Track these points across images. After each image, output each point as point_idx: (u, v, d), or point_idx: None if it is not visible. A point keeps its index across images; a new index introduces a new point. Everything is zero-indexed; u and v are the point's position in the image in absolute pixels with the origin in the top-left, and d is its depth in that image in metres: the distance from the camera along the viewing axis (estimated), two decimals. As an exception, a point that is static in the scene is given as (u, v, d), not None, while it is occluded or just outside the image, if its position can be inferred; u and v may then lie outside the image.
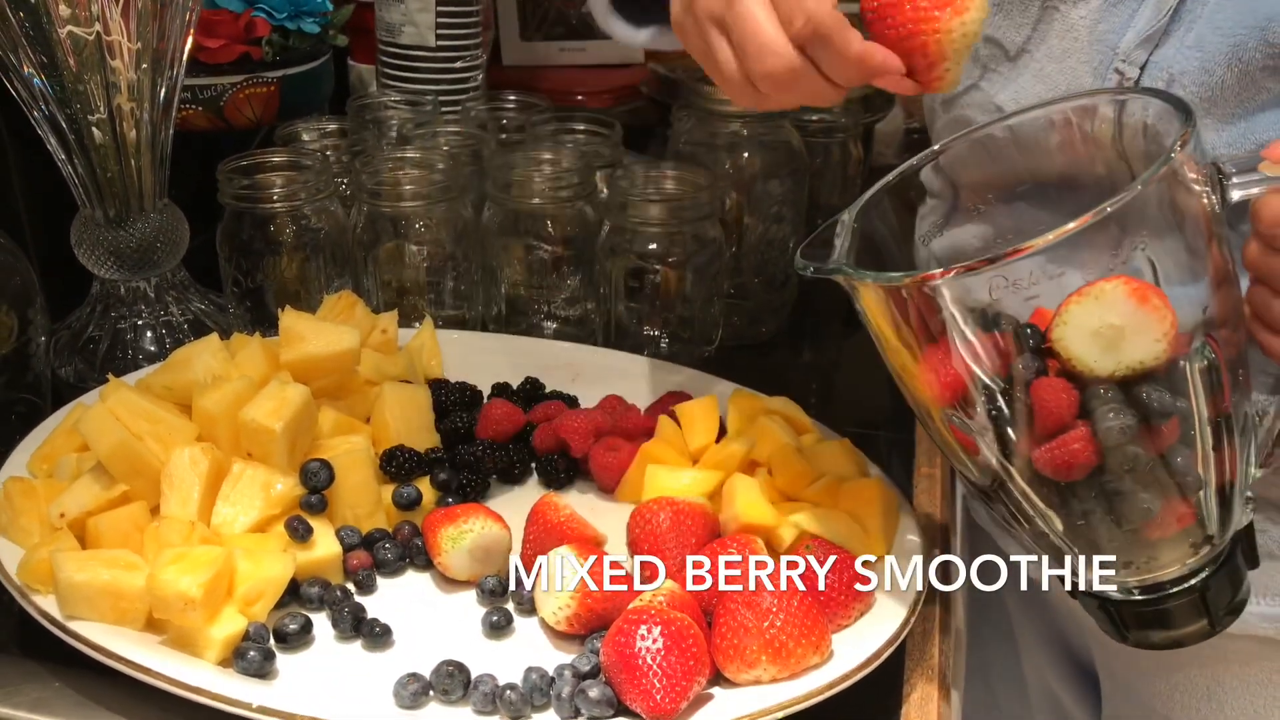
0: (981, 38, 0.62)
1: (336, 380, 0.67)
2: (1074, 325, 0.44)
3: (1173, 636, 0.51)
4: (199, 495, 0.58)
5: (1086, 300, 0.44)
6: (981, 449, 0.48)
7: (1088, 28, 0.56)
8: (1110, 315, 0.44)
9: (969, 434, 0.48)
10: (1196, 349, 0.45)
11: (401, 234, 0.81)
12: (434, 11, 0.99)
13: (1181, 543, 0.48)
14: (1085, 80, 0.57)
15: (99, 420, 0.58)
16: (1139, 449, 0.46)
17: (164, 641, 0.53)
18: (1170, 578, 0.49)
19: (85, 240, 0.77)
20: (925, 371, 0.48)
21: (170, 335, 0.81)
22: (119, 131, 0.74)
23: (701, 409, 0.68)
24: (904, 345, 0.49)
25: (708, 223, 0.79)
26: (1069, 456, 0.46)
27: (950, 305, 0.46)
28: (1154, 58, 0.54)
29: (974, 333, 0.46)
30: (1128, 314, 0.44)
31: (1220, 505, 0.48)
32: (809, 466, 0.61)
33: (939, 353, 0.47)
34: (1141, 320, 0.44)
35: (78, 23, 0.70)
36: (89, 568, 0.53)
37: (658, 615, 0.50)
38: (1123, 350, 0.44)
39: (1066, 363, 0.45)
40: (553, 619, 0.55)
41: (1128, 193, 0.43)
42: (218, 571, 0.53)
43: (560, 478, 0.68)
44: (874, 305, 0.49)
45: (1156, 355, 0.44)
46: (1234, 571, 0.50)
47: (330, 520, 0.61)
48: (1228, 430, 0.47)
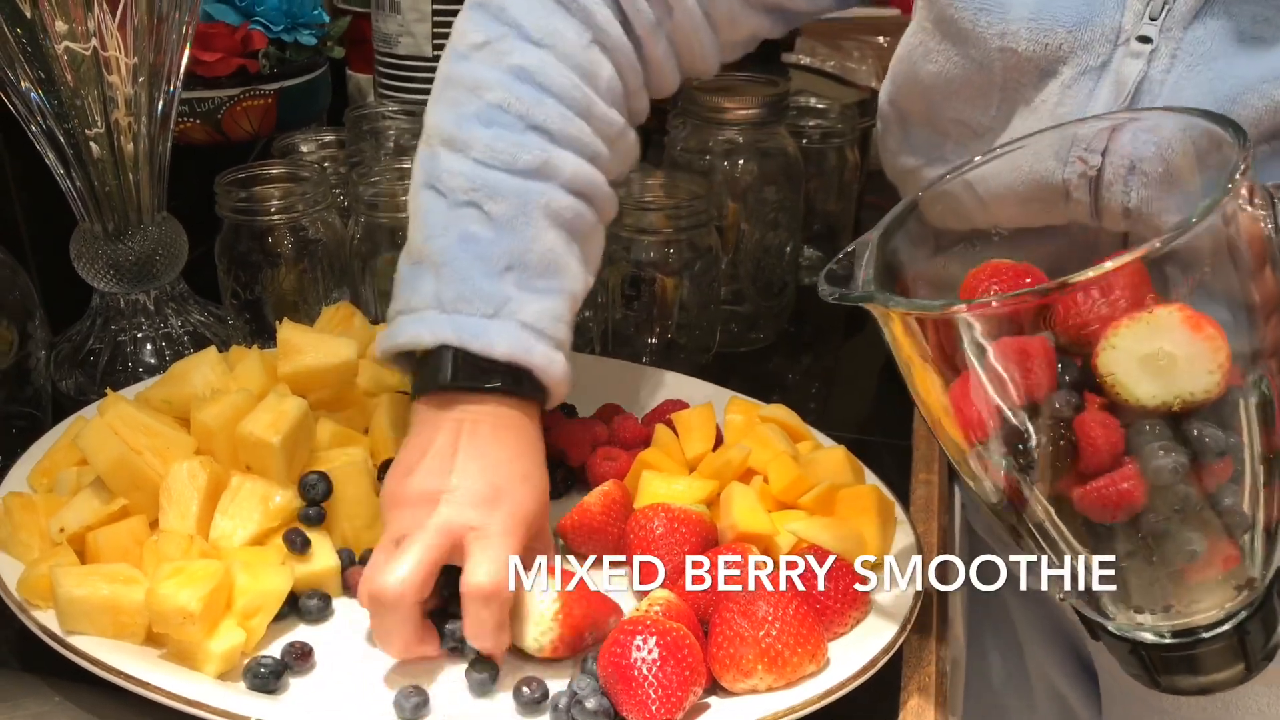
0: (948, 119, 0.62)
1: (335, 392, 0.68)
2: (1123, 350, 0.42)
3: (1205, 682, 0.48)
4: (197, 509, 0.58)
5: (1138, 325, 0.42)
6: (1020, 485, 0.46)
7: (1049, 110, 0.56)
8: (1163, 341, 0.41)
9: (1006, 471, 0.46)
10: (1252, 382, 0.43)
11: (399, 244, 0.81)
12: (430, 22, 0.99)
13: (1225, 585, 0.46)
14: (1049, 164, 0.55)
15: (98, 435, 0.58)
16: (1190, 488, 0.43)
17: (163, 655, 0.54)
18: (1207, 622, 0.47)
19: (85, 253, 0.78)
20: (959, 404, 0.46)
21: (170, 347, 0.81)
22: (117, 145, 0.74)
23: (699, 417, 0.68)
24: (935, 375, 0.46)
25: (704, 230, 0.79)
26: (1117, 497, 0.43)
27: (980, 338, 0.43)
28: (1112, 144, 0.53)
29: (1007, 366, 0.43)
30: (1181, 342, 0.41)
31: (1266, 546, 0.46)
32: (805, 474, 0.61)
33: (971, 384, 0.44)
34: (1196, 349, 0.41)
35: (74, 38, 0.70)
36: (88, 582, 0.53)
37: (653, 626, 0.50)
38: (1174, 380, 0.42)
39: (1111, 390, 0.42)
40: (535, 647, 0.54)
41: (1196, 215, 0.40)
42: (216, 585, 0.53)
43: (558, 487, 0.68)
44: (902, 335, 0.46)
45: (1209, 388, 0.42)
46: (1270, 614, 0.48)
47: (329, 532, 0.61)
48: (1278, 468, 0.45)
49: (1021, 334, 0.43)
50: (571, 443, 0.68)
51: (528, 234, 0.59)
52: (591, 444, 0.68)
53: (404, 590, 0.52)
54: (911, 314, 0.45)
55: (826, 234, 0.99)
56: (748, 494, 0.60)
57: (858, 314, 1.07)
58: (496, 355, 0.57)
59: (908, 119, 0.67)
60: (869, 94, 1.23)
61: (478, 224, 0.59)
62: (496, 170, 0.59)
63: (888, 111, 0.69)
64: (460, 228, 0.59)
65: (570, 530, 0.62)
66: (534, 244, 0.59)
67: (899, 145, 0.68)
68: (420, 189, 0.62)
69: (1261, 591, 0.47)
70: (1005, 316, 0.43)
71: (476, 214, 0.59)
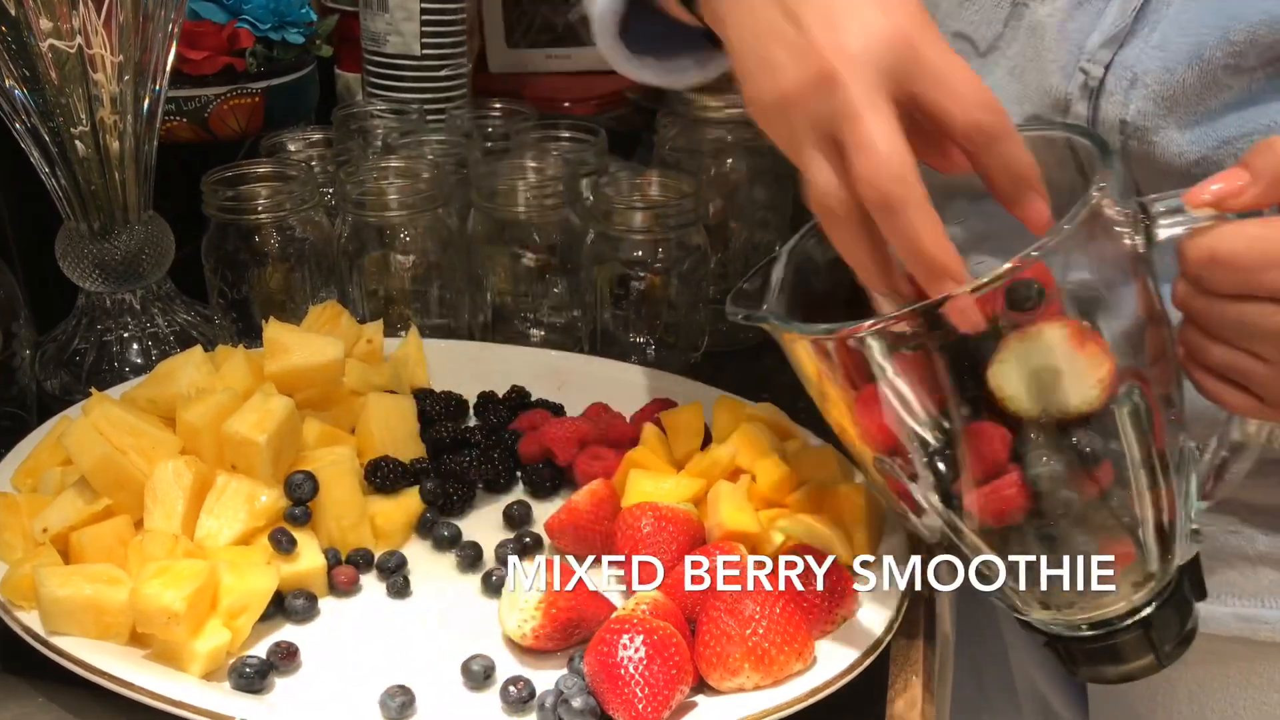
0: (950, 33, 0.62)
1: (321, 391, 0.67)
2: (1013, 364, 0.44)
3: (1122, 671, 0.51)
4: (183, 508, 0.58)
5: (1027, 340, 0.43)
6: (916, 496, 0.48)
7: (1055, 26, 0.56)
8: (1050, 358, 0.43)
9: (901, 481, 0.48)
10: (1124, 393, 0.45)
11: (387, 243, 0.81)
12: (419, 21, 0.99)
13: (1123, 580, 0.48)
14: (1054, 79, 0.56)
15: (82, 434, 0.58)
16: (1072, 493, 0.46)
17: (148, 656, 0.53)
18: (1116, 614, 0.49)
19: (70, 253, 0.77)
20: (859, 418, 0.48)
21: (156, 347, 0.81)
22: (102, 144, 0.74)
23: (687, 416, 0.68)
24: (836, 393, 0.48)
25: (693, 229, 0.79)
26: (1001, 503, 0.46)
27: (879, 357, 0.45)
28: (1118, 57, 0.54)
29: (905, 382, 0.45)
30: (1066, 358, 0.43)
31: (1160, 542, 0.48)
32: (793, 472, 0.61)
33: (872, 399, 0.46)
34: (1079, 365, 0.43)
35: (59, 36, 0.70)
36: (72, 583, 0.53)
37: (640, 624, 0.50)
38: (1058, 394, 0.44)
39: (1000, 402, 0.44)
40: (517, 633, 0.54)
41: (1049, 237, 0.42)
42: (201, 585, 0.53)
43: (546, 486, 0.68)
44: (804, 355, 0.48)
45: (1090, 401, 0.44)
46: (1181, 605, 0.50)
47: (315, 532, 0.61)
48: (1163, 468, 0.47)
49: (919, 349, 0.44)
50: (559, 442, 0.68)
51: None
52: (579, 443, 0.68)
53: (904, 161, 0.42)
54: (807, 338, 0.46)
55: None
56: (735, 492, 0.60)
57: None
58: None
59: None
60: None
61: None
62: None
63: None
64: None
65: (557, 529, 0.62)
66: None
67: None
68: None
69: (1171, 583, 0.49)
70: (885, 338, 0.44)
71: None
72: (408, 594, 0.60)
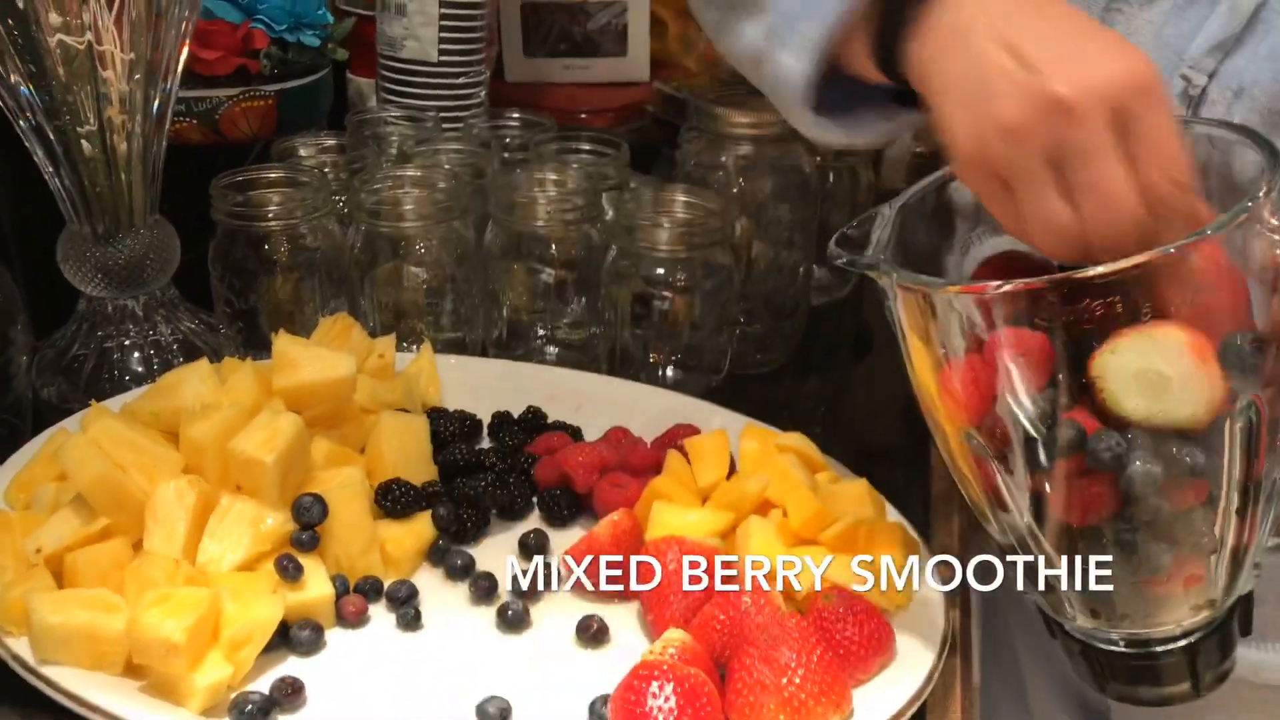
0: None
1: (331, 409, 0.64)
2: (1120, 360, 0.42)
3: (1159, 694, 0.49)
4: (185, 531, 0.55)
5: (1141, 338, 0.41)
6: (996, 477, 0.46)
7: (1153, 32, 0.54)
8: (1160, 362, 0.41)
9: (985, 458, 0.46)
10: (1241, 408, 0.43)
11: (400, 255, 0.78)
12: (437, 26, 0.96)
13: (1184, 603, 0.46)
14: None
15: (80, 450, 0.55)
16: (1164, 502, 0.44)
17: (143, 688, 0.50)
18: (1165, 634, 0.47)
19: (72, 256, 0.75)
20: (950, 386, 0.46)
21: (159, 356, 0.78)
22: (109, 144, 0.71)
23: (712, 444, 0.65)
24: (932, 355, 0.46)
25: (719, 248, 0.76)
26: (1090, 500, 0.44)
27: (982, 323, 0.43)
28: (1224, 66, 0.52)
29: (1013, 355, 0.43)
30: (1180, 368, 0.41)
31: (1230, 570, 0.46)
32: (826, 508, 0.59)
33: (970, 368, 0.44)
34: (1193, 379, 0.41)
35: (69, 31, 0.67)
36: (65, 609, 0.50)
37: (670, 671, 0.47)
38: (1163, 401, 0.42)
39: (1099, 396, 0.42)
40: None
41: (1212, 226, 0.41)
42: (202, 615, 0.50)
43: (563, 514, 0.65)
44: (910, 310, 0.46)
45: (1195, 417, 0.42)
46: (1226, 637, 0.48)
47: (322, 558, 0.58)
48: (1254, 495, 0.45)
49: (1022, 326, 0.43)
50: (578, 467, 0.65)
51: None
52: (599, 469, 0.65)
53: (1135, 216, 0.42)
54: (916, 289, 0.45)
55: (838, 254, 0.97)
56: (766, 528, 0.57)
57: (867, 336, 1.05)
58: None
59: None
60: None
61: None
62: None
63: None
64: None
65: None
66: None
67: None
68: None
69: (1221, 615, 0.47)
70: (1008, 304, 0.43)
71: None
72: (418, 627, 0.57)
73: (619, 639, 0.56)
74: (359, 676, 0.54)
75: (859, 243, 0.49)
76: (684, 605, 0.54)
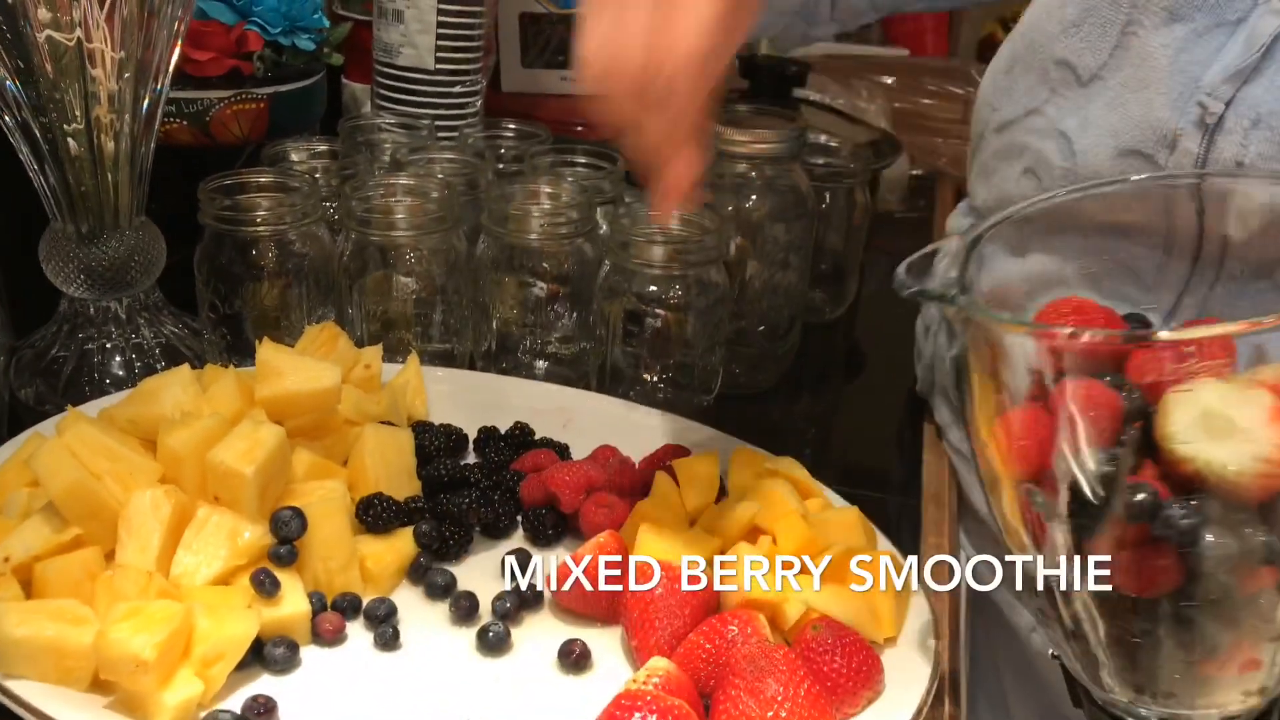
0: (1053, 60, 0.60)
1: (314, 420, 0.63)
2: (1193, 397, 0.39)
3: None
4: (159, 542, 0.54)
5: (1225, 385, 0.39)
6: (1052, 534, 0.43)
7: (1169, 58, 0.54)
8: (1234, 410, 0.39)
9: (1043, 514, 0.43)
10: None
11: (390, 264, 0.77)
12: (435, 34, 0.96)
13: (1235, 688, 0.44)
14: (1162, 112, 0.54)
15: (53, 457, 0.54)
16: (1233, 580, 0.41)
17: (110, 705, 0.49)
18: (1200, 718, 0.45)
19: (55, 256, 0.73)
20: (1011, 433, 0.43)
21: (140, 359, 0.77)
22: (96, 143, 0.70)
23: (701, 466, 0.64)
24: (994, 394, 0.44)
25: (713, 267, 0.75)
26: (1153, 572, 0.41)
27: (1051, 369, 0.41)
28: (1240, 94, 0.51)
29: (1080, 408, 0.41)
30: (1252, 420, 0.39)
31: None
32: (816, 536, 0.58)
33: (1031, 416, 0.42)
34: (1259, 435, 0.39)
35: (58, 27, 0.66)
36: (32, 621, 0.49)
37: (653, 702, 0.46)
38: (1217, 447, 0.39)
39: (1163, 438, 0.40)
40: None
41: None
42: (174, 630, 0.48)
43: (548, 534, 0.64)
44: (979, 350, 0.44)
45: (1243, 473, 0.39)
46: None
47: (299, 574, 0.56)
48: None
49: (1092, 377, 0.41)
50: (564, 487, 0.63)
51: None
52: (585, 489, 0.64)
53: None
54: (993, 324, 0.43)
55: (833, 276, 0.96)
56: (755, 556, 0.56)
57: (859, 358, 1.04)
58: None
59: (1014, 62, 0.65)
60: (880, 135, 1.20)
61: None
62: None
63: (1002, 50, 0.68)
64: None
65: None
66: None
67: (994, 92, 0.66)
68: None
69: (1262, 707, 0.45)
70: (1083, 353, 0.41)
71: None
72: (396, 646, 0.55)
73: (602, 665, 0.55)
74: (334, 696, 0.52)
75: (921, 273, 0.47)
76: (669, 632, 0.53)
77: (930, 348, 0.80)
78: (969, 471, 0.74)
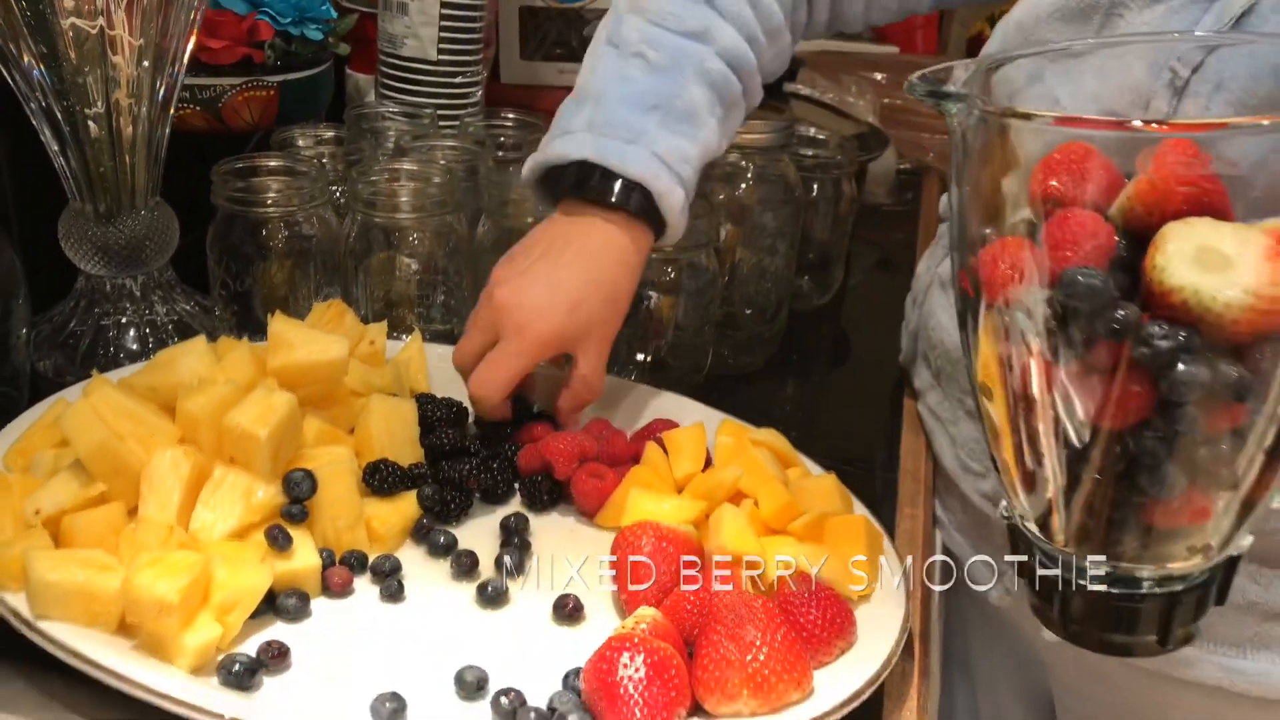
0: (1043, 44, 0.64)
1: (322, 389, 0.67)
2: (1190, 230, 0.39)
3: (1114, 641, 0.47)
4: (179, 499, 0.57)
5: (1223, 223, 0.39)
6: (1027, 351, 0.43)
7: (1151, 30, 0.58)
8: (1230, 246, 0.39)
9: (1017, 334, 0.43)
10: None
11: (394, 245, 0.80)
12: (437, 26, 0.99)
13: (1180, 541, 0.45)
14: (1139, 75, 0.58)
15: (81, 417, 0.57)
16: (1199, 414, 0.41)
17: (135, 646, 0.52)
18: (1151, 576, 0.45)
19: (73, 234, 0.76)
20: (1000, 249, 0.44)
21: (154, 335, 0.80)
22: (115, 127, 0.73)
23: (689, 437, 0.68)
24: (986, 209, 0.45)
25: (704, 252, 0.79)
26: (1126, 398, 0.41)
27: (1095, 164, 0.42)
28: (1207, 60, 0.55)
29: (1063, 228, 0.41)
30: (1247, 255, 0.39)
31: (1236, 519, 0.45)
32: (795, 500, 0.61)
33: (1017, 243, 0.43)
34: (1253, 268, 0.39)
35: (81, 15, 0.69)
36: (63, 567, 0.52)
37: (641, 644, 0.49)
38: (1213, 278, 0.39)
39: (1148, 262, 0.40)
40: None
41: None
42: (195, 578, 0.52)
43: (543, 500, 0.67)
44: (983, 154, 0.45)
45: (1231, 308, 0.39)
46: (1203, 598, 0.47)
47: (310, 531, 0.60)
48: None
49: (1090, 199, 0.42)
50: (559, 455, 0.67)
51: (678, 83, 0.69)
52: (579, 458, 0.67)
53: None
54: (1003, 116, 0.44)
55: (819, 264, 1.00)
56: (738, 516, 0.59)
57: (844, 344, 1.07)
58: (628, 173, 0.67)
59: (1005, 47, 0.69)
60: (867, 128, 1.24)
61: (638, 70, 0.69)
62: (664, 29, 0.69)
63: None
64: (623, 72, 0.69)
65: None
66: (681, 92, 0.68)
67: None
68: (600, 44, 0.72)
69: (1206, 571, 0.46)
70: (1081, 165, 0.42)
71: (640, 62, 0.69)
72: (401, 599, 0.59)
73: (594, 618, 0.58)
74: (342, 643, 0.56)
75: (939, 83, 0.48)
76: (656, 586, 0.57)
77: (916, 317, 0.83)
78: (942, 433, 0.77)
